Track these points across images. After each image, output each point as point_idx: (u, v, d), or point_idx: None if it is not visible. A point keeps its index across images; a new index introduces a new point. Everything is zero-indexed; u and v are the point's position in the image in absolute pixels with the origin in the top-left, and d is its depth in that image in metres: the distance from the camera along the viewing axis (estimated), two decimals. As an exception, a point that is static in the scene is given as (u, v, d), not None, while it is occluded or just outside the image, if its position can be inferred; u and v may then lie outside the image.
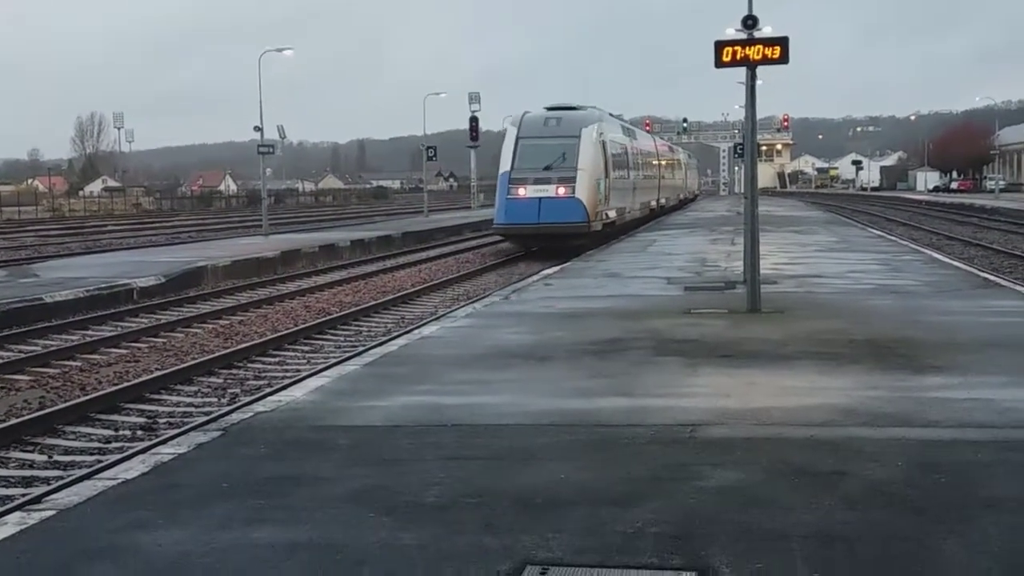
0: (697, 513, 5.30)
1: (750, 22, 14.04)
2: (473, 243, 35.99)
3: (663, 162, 50.29)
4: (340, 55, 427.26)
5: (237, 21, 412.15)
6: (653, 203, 44.30)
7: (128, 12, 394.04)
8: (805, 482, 5.79)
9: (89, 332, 15.79)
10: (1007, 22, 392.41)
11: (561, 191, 28.21)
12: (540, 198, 28.11)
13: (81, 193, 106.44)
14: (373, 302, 18.81)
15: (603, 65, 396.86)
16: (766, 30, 13.85)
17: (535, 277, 19.79)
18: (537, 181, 28.39)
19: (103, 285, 19.06)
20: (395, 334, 13.98)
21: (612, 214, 31.43)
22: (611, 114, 37.76)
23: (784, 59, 12.68)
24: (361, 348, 13.06)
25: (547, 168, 28.57)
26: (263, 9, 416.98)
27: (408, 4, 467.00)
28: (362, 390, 8.79)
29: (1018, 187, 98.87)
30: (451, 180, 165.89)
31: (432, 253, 31.52)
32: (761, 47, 12.76)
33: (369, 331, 15.92)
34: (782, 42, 12.74)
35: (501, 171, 29.39)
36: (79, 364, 13.16)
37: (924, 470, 5.99)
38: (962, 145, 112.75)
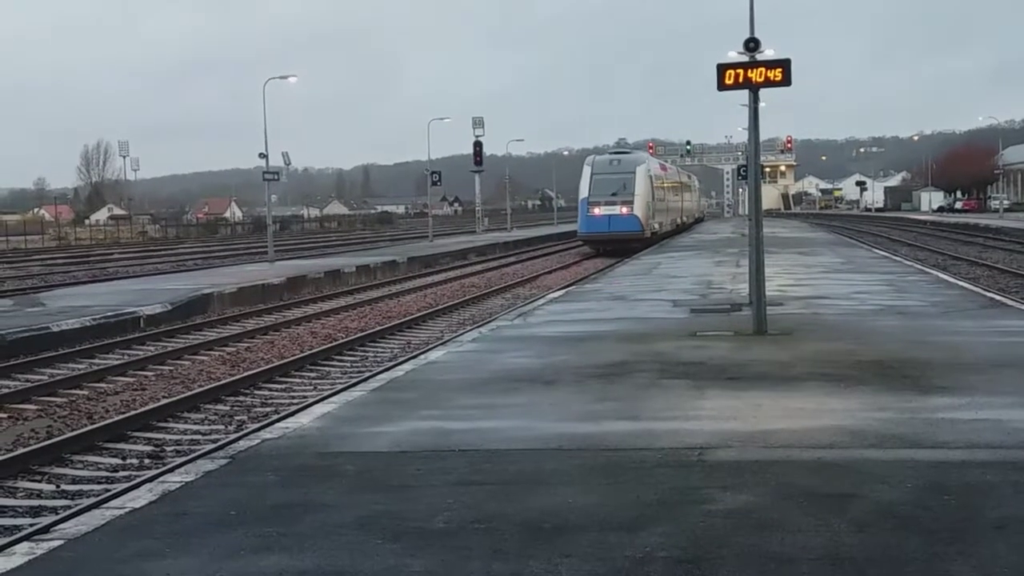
0: (706, 537, 5.29)
1: (752, 45, 14.11)
2: (478, 267, 36.05)
3: (682, 186, 63.00)
4: (345, 81, 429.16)
5: (242, 49, 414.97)
6: (678, 220, 57.00)
7: (133, 40, 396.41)
8: (814, 505, 5.78)
9: (96, 361, 15.81)
10: (1010, 43, 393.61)
11: (624, 210, 40.40)
12: (609, 215, 40.35)
13: (87, 221, 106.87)
14: (379, 327, 18.82)
15: (606, 88, 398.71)
16: (768, 52, 13.91)
17: (541, 300, 19.80)
18: (607, 203, 40.39)
19: (109, 313, 19.09)
20: (401, 359, 13.98)
21: (656, 226, 44.10)
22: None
23: (786, 81, 12.68)
24: (367, 374, 13.06)
25: (613, 194, 40.64)
26: (268, 37, 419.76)
27: (415, 29, 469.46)
28: (369, 416, 8.79)
29: (1023, 206, 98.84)
30: (456, 204, 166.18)
31: (437, 278, 31.58)
32: (763, 69, 12.77)
33: (375, 356, 15.93)
34: (784, 64, 12.75)
35: (581, 197, 41.94)
36: (86, 393, 13.17)
37: (933, 491, 5.97)
38: (966, 165, 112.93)
